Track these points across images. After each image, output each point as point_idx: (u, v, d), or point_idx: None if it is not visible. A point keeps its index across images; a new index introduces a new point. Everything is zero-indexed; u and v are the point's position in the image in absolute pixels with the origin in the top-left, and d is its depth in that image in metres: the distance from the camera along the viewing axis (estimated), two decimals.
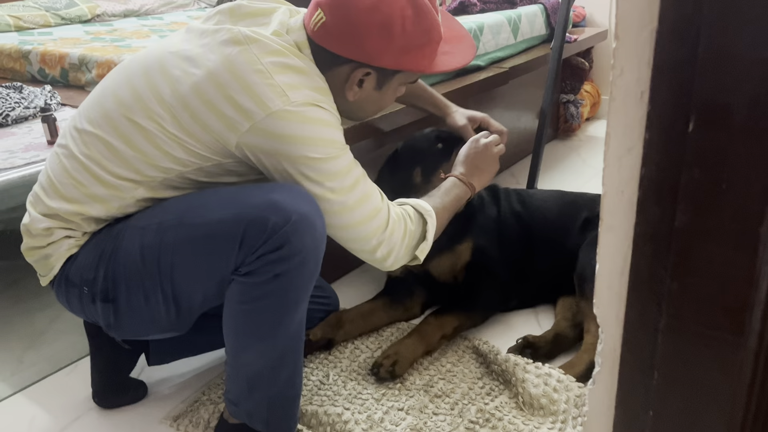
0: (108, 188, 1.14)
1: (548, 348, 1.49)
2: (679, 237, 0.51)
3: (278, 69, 1.10)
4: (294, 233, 1.05)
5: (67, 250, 1.17)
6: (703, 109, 0.47)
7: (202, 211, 1.10)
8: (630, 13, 0.51)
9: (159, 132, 1.11)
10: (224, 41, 1.12)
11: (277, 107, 1.07)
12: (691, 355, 0.53)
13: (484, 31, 2.34)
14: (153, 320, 1.17)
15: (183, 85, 1.10)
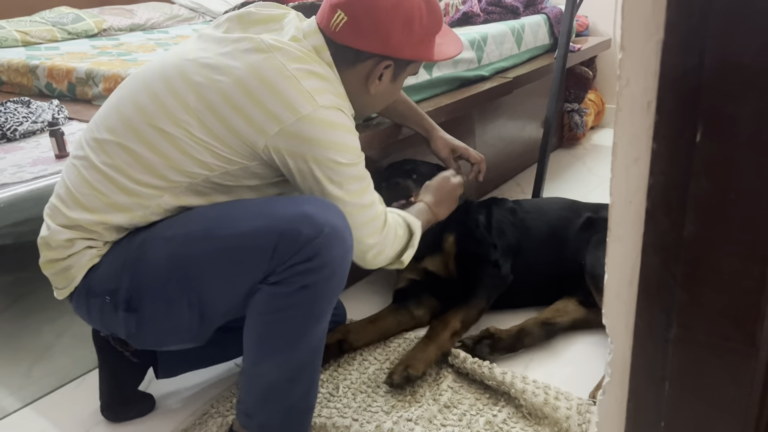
0: (131, 196, 1.14)
1: (510, 341, 1.52)
2: (688, 247, 0.51)
3: (304, 75, 1.13)
4: (325, 246, 1.07)
5: (89, 260, 1.16)
6: (711, 119, 0.47)
7: (232, 222, 1.11)
8: (635, 24, 0.51)
9: (186, 137, 1.12)
10: (247, 50, 1.14)
11: (306, 111, 1.11)
12: (703, 366, 0.53)
13: (488, 42, 2.35)
14: (175, 330, 1.17)
15: (209, 91, 1.12)
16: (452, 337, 1.53)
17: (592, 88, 3.37)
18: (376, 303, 1.83)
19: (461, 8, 2.80)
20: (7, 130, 1.87)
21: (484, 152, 2.56)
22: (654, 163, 0.51)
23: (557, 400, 1.31)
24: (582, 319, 1.61)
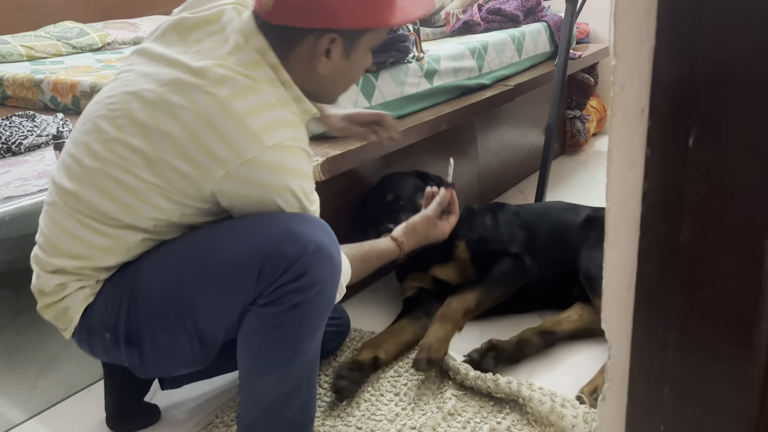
0: (110, 239, 1.12)
1: (512, 351, 1.52)
2: (685, 251, 0.51)
3: (251, 111, 1.06)
4: (312, 263, 1.06)
5: (84, 300, 1.15)
6: (704, 123, 0.47)
7: (220, 246, 1.10)
8: (628, 30, 0.52)
9: (139, 183, 1.08)
10: (192, 86, 1.07)
11: (251, 155, 1.05)
12: (702, 370, 0.53)
13: (489, 50, 2.36)
14: (178, 357, 1.16)
15: (154, 133, 1.07)
16: (466, 315, 1.55)
17: (593, 94, 3.37)
18: (380, 312, 1.84)
19: (462, 17, 2.82)
20: (12, 143, 1.88)
21: (487, 160, 2.57)
22: (648, 168, 0.52)
23: (563, 408, 1.30)
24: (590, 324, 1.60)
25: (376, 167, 2.00)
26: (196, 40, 1.14)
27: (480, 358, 1.49)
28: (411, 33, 1.99)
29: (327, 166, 1.54)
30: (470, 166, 2.49)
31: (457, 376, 1.46)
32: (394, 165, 2.06)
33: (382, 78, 1.86)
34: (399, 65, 1.92)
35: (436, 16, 2.93)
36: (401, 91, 1.92)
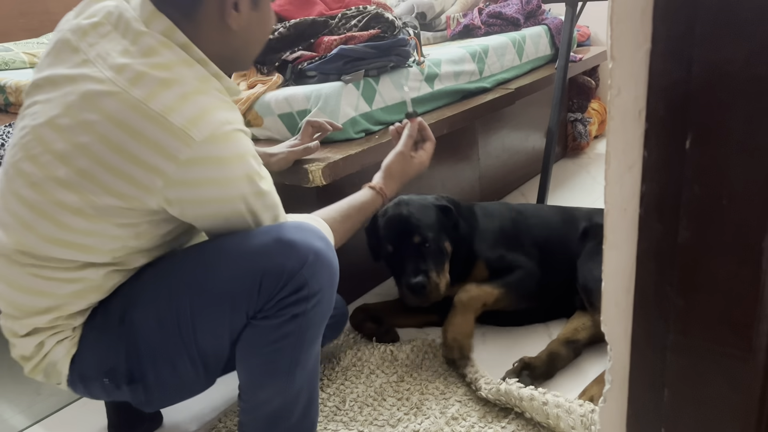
0: (74, 283, 1.06)
1: (544, 368, 1.49)
2: (682, 253, 0.51)
3: (170, 108, 0.97)
4: (312, 275, 1.04)
5: (66, 352, 1.10)
6: (700, 126, 0.47)
7: (213, 271, 1.06)
8: (624, 34, 0.52)
9: (80, 219, 1.01)
10: (102, 94, 0.98)
11: (185, 155, 0.97)
12: (701, 372, 0.53)
13: (489, 54, 2.37)
14: (184, 386, 1.15)
15: (78, 159, 0.98)
16: (482, 307, 1.57)
17: (595, 97, 3.38)
18: None
19: (462, 21, 2.82)
20: None
21: (488, 163, 2.58)
22: (646, 171, 0.52)
23: (559, 418, 1.29)
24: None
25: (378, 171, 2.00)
26: (90, 44, 1.04)
27: (516, 378, 1.44)
28: (411, 37, 2.00)
29: (328, 170, 1.54)
30: (472, 170, 2.49)
31: (484, 393, 1.45)
32: None
33: (383, 82, 1.86)
34: (400, 69, 1.93)
35: (437, 20, 2.93)
36: (402, 95, 1.92)
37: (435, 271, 1.59)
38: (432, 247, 1.61)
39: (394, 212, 1.66)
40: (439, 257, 1.62)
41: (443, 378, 1.52)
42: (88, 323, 1.11)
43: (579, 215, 1.85)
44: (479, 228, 1.76)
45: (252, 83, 1.91)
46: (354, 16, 1.95)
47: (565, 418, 1.27)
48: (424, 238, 1.60)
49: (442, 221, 1.67)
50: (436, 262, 1.60)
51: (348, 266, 1.24)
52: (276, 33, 1.93)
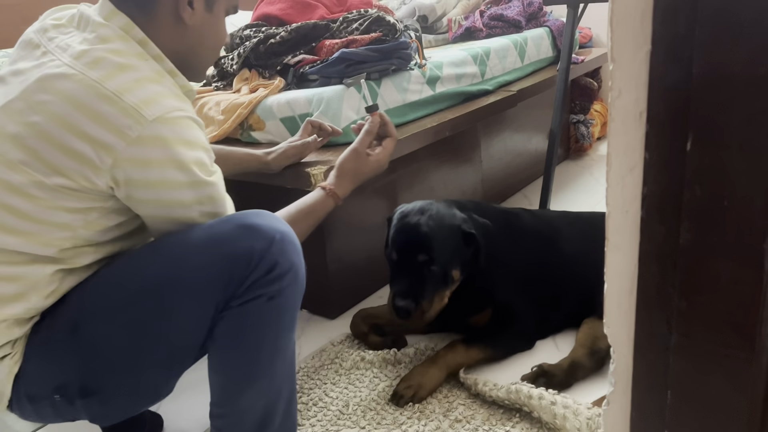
0: (14, 282, 1.01)
1: (563, 377, 1.45)
2: (684, 255, 0.51)
3: (126, 88, 0.98)
4: (281, 253, 1.03)
5: (9, 372, 1.04)
6: (701, 127, 0.47)
7: (177, 265, 1.03)
8: (624, 35, 0.52)
9: (29, 202, 0.99)
10: (58, 77, 0.99)
11: (135, 133, 0.97)
12: (704, 374, 0.53)
13: (491, 56, 2.37)
14: (145, 394, 1.11)
15: (29, 139, 0.97)
16: (463, 369, 1.51)
17: (597, 98, 3.37)
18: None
19: (464, 23, 2.82)
20: None
21: (491, 166, 2.58)
22: (647, 173, 0.52)
23: (566, 419, 1.29)
24: None
25: (379, 174, 2.00)
26: (50, 39, 1.06)
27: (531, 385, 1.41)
28: (413, 40, 2.00)
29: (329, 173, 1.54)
30: (474, 172, 2.49)
31: (478, 388, 1.45)
32: (399, 171, 2.06)
33: (385, 85, 1.86)
34: (401, 72, 1.93)
35: (438, 23, 2.94)
36: (404, 98, 1.93)
37: (428, 298, 1.47)
38: (436, 271, 1.47)
39: (410, 219, 1.52)
40: (441, 284, 1.49)
41: (447, 381, 1.51)
42: (32, 337, 1.05)
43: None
44: (501, 266, 1.61)
45: (254, 87, 1.91)
46: (355, 20, 1.95)
47: (572, 420, 1.27)
48: (430, 260, 1.46)
49: (459, 248, 1.52)
50: (434, 288, 1.48)
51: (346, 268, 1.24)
52: (278, 37, 1.93)
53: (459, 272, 1.53)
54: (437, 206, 1.56)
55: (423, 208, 1.54)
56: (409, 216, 1.53)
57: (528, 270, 1.68)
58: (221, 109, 1.86)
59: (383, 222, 2.01)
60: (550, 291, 1.68)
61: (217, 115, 1.87)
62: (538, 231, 1.74)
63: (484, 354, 1.56)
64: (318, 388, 1.54)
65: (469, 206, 1.66)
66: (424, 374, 1.47)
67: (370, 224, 1.99)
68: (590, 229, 1.75)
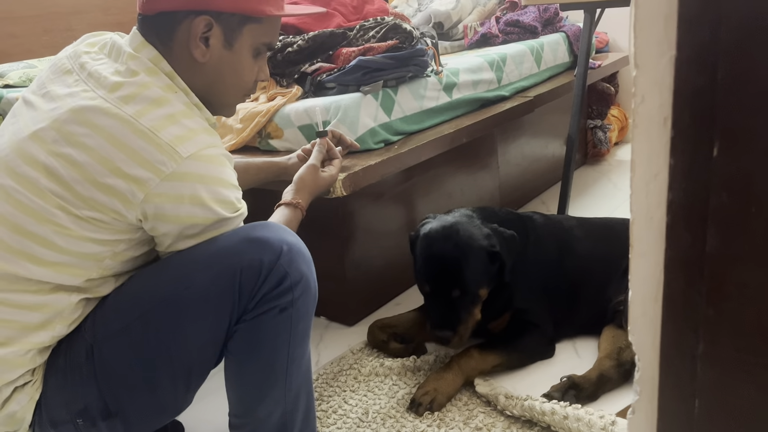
0: (38, 310, 1.01)
1: (592, 390, 1.43)
2: (711, 262, 0.50)
3: (160, 124, 1.00)
4: (289, 264, 1.04)
5: (29, 399, 1.04)
6: (727, 133, 0.47)
7: (187, 281, 1.04)
8: (648, 41, 0.51)
9: (57, 232, 0.99)
10: (93, 110, 0.99)
11: (170, 169, 0.99)
12: (732, 382, 0.52)
13: (507, 62, 2.36)
14: (166, 407, 1.12)
15: (61, 169, 0.98)
16: (479, 374, 1.51)
17: (614, 103, 3.35)
18: None
19: (480, 30, 2.82)
20: None
21: (508, 172, 2.57)
22: (673, 179, 0.51)
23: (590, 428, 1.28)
24: None
25: (397, 181, 2.00)
26: (82, 66, 1.07)
27: (561, 396, 1.40)
28: (429, 47, 2.01)
29: (348, 181, 1.55)
30: (491, 178, 2.49)
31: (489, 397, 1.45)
32: (416, 178, 2.06)
33: (402, 92, 1.87)
34: (418, 79, 1.93)
35: (454, 30, 2.94)
36: (420, 104, 1.93)
37: (464, 322, 1.51)
38: (468, 298, 1.51)
39: (436, 248, 1.51)
40: (471, 305, 1.53)
41: (467, 388, 1.51)
42: (50, 363, 1.06)
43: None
44: (519, 271, 1.61)
45: (272, 96, 1.93)
46: (372, 27, 1.96)
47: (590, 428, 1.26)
48: (462, 291, 1.50)
49: (488, 268, 1.52)
50: (467, 311, 1.52)
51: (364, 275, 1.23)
52: (295, 45, 1.94)
53: (486, 290, 1.55)
54: (461, 226, 1.53)
55: (447, 233, 1.52)
56: (436, 244, 1.52)
57: (545, 274, 1.67)
58: (239, 118, 1.87)
59: (401, 229, 2.02)
60: (566, 295, 1.67)
61: (235, 124, 1.88)
62: (553, 234, 1.73)
63: (500, 359, 1.55)
64: (337, 395, 1.54)
65: (490, 215, 1.66)
66: (440, 379, 1.47)
67: (388, 231, 1.99)
68: (605, 234, 1.75)
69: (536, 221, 1.74)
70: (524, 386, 1.50)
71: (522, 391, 1.46)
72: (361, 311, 1.94)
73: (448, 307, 1.50)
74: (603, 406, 1.39)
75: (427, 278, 1.53)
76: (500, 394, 1.42)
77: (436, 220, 1.58)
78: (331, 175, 1.46)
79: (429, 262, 1.52)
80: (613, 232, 1.75)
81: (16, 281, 1.00)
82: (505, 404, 1.39)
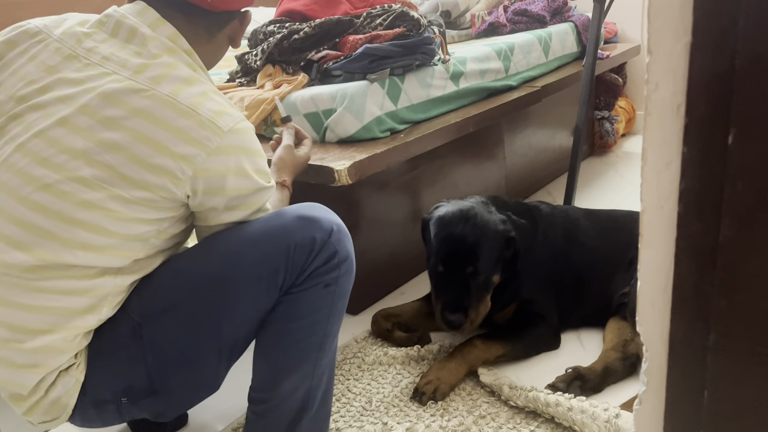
0: (84, 294, 1.00)
1: (597, 381, 1.43)
2: (724, 252, 0.50)
3: (197, 101, 1.02)
4: (338, 243, 1.09)
5: (75, 382, 1.03)
6: (744, 120, 0.46)
7: (236, 259, 1.06)
8: (663, 27, 0.51)
9: (106, 217, 0.98)
10: (125, 92, 0.99)
11: (215, 144, 1.01)
12: (743, 374, 0.51)
13: (515, 51, 2.35)
14: (204, 385, 1.13)
15: (102, 155, 0.97)
16: (483, 363, 1.51)
17: (622, 95, 3.33)
18: None
19: (487, 19, 2.80)
20: None
21: (514, 162, 2.56)
22: (686, 167, 0.50)
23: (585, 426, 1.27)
24: None
25: (403, 170, 1.99)
26: (88, 50, 1.05)
27: (566, 387, 1.40)
28: (437, 35, 1.99)
29: (354, 170, 1.54)
30: (497, 168, 2.47)
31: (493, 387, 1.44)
32: (422, 167, 2.05)
33: (408, 81, 1.85)
34: (425, 68, 1.92)
35: (462, 19, 2.92)
36: (427, 93, 1.92)
37: (476, 307, 1.50)
38: (481, 280, 1.50)
39: (455, 229, 1.50)
40: (484, 290, 1.52)
41: (471, 378, 1.50)
42: (94, 345, 1.05)
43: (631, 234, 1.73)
44: (530, 264, 1.61)
45: (278, 83, 1.92)
46: (379, 15, 1.95)
47: (590, 424, 1.25)
48: (476, 271, 1.49)
49: (503, 253, 1.52)
50: (480, 297, 1.51)
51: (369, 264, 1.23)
52: (301, 33, 1.93)
53: (498, 276, 1.55)
54: (478, 210, 1.53)
55: (465, 214, 1.52)
56: (453, 224, 1.51)
57: (551, 265, 1.67)
58: (245, 105, 1.86)
59: (406, 219, 2.01)
60: (572, 286, 1.67)
61: (241, 111, 1.88)
62: (559, 225, 1.72)
63: (504, 350, 1.54)
64: (341, 383, 1.54)
65: (503, 204, 1.65)
66: (443, 369, 1.47)
67: (393, 221, 1.98)
68: (611, 225, 1.74)
69: (543, 211, 1.73)
70: (529, 377, 1.50)
71: (527, 381, 1.45)
72: (365, 300, 1.93)
73: (460, 290, 1.49)
74: (607, 398, 1.38)
75: (443, 258, 1.51)
76: (504, 384, 1.42)
77: (451, 204, 1.58)
78: (305, 153, 1.48)
79: (446, 241, 1.51)
80: (618, 224, 1.74)
81: (63, 268, 0.98)
82: (510, 394, 1.39)
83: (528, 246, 1.59)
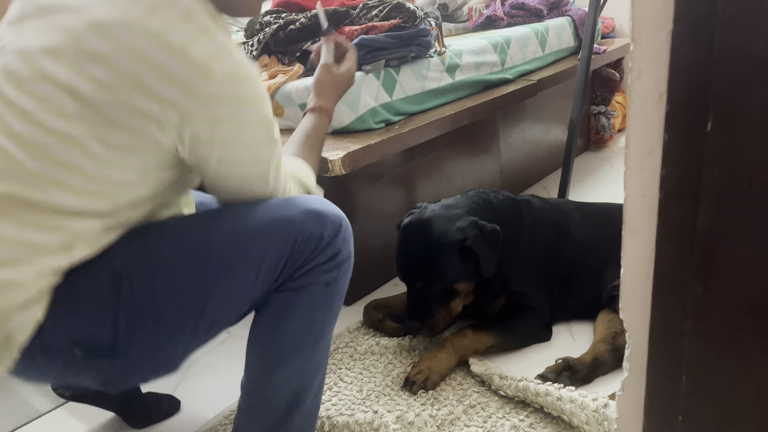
0: (65, 232, 0.92)
1: (586, 372, 1.44)
2: (701, 238, 0.50)
3: (191, 40, 0.91)
4: (344, 242, 1.07)
5: (34, 318, 0.93)
6: (721, 108, 0.46)
7: (240, 241, 1.01)
8: (646, 15, 0.51)
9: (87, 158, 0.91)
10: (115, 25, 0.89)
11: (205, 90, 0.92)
12: (719, 359, 0.52)
13: (512, 45, 2.35)
14: (164, 363, 1.05)
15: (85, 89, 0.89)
16: (473, 353, 1.53)
17: (619, 90, 3.33)
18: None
19: (484, 12, 2.80)
20: None
21: (509, 156, 2.56)
22: (666, 154, 0.51)
23: (573, 415, 1.28)
24: None
25: (397, 162, 2.00)
26: None
27: (556, 378, 1.41)
28: (433, 27, 1.99)
29: (348, 160, 1.55)
30: (492, 162, 2.48)
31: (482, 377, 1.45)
32: (416, 160, 2.06)
33: (404, 72, 1.86)
34: (420, 60, 1.92)
35: (459, 12, 2.92)
36: (423, 85, 1.92)
37: (433, 315, 1.53)
38: (438, 290, 1.53)
39: (409, 242, 1.56)
40: (445, 299, 1.54)
41: (461, 368, 1.51)
42: (65, 284, 0.95)
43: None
44: (514, 254, 1.63)
45: (273, 73, 1.92)
46: (375, 6, 1.95)
47: (578, 414, 1.26)
48: (428, 285, 1.52)
49: (459, 264, 1.51)
50: (439, 305, 1.53)
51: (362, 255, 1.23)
52: (297, 23, 1.93)
53: (465, 283, 1.55)
54: (437, 221, 1.54)
55: (420, 227, 1.54)
56: (407, 240, 1.56)
57: (541, 257, 1.68)
58: None
59: (399, 210, 2.02)
60: (563, 279, 1.68)
61: None
62: (550, 218, 1.73)
63: (494, 340, 1.55)
64: (333, 373, 1.55)
65: (485, 202, 1.65)
66: (433, 359, 1.48)
67: (387, 212, 1.99)
68: (603, 218, 1.76)
69: (534, 205, 1.74)
70: (519, 367, 1.51)
71: (517, 372, 1.46)
72: (358, 291, 1.94)
73: (420, 300, 1.54)
74: (596, 389, 1.40)
75: (398, 269, 1.58)
76: (494, 374, 1.43)
77: (419, 212, 1.59)
78: (348, 68, 1.39)
79: (400, 256, 1.57)
80: (610, 217, 1.75)
81: (35, 206, 0.90)
82: (499, 384, 1.40)
83: (513, 240, 1.61)
